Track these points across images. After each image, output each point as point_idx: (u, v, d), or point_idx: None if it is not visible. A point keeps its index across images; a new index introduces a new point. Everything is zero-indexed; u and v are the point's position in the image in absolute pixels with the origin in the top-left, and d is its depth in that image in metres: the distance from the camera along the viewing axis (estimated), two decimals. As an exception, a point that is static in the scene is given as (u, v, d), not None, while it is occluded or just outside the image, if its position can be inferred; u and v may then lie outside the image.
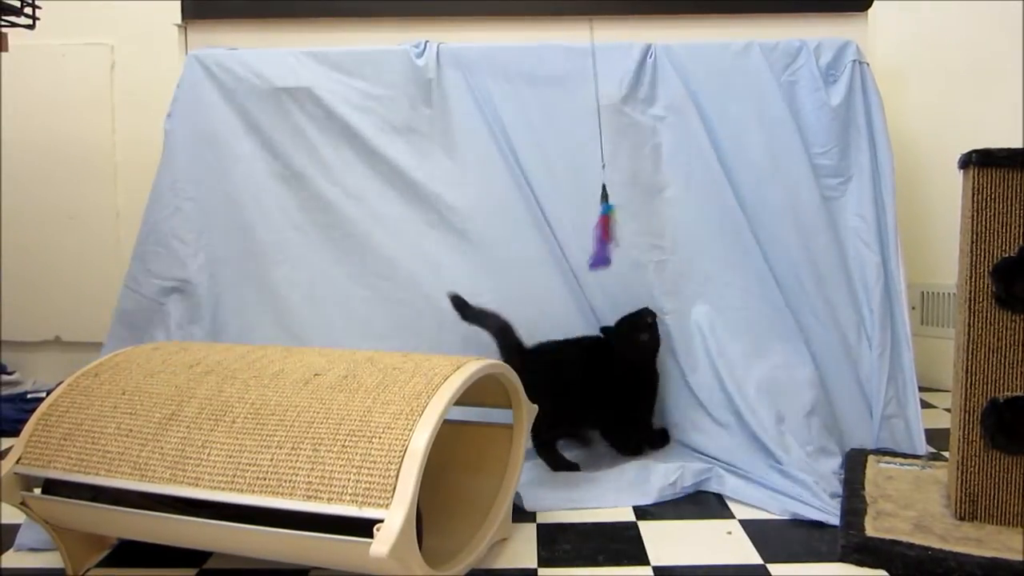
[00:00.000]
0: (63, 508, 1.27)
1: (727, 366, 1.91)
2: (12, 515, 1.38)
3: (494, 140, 2.06)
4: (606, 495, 1.69)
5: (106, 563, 1.42)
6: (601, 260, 1.79)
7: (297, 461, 1.12)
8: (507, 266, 2.03)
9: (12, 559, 1.44)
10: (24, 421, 1.31)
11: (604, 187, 1.80)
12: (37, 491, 1.28)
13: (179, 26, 2.30)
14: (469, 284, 1.99)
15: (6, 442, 2.00)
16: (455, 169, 2.08)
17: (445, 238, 2.07)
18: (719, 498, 1.69)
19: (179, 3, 2.28)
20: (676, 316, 1.99)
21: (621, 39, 2.12)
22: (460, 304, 1.90)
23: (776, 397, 1.88)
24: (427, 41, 2.10)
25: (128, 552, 1.45)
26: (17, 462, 1.26)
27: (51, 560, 1.41)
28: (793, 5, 2.20)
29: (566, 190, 2.04)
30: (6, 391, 2.47)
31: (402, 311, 2.06)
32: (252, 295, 2.10)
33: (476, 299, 1.93)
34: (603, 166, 1.82)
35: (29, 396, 2.40)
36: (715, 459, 1.80)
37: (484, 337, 1.87)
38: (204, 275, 2.09)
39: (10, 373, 2.55)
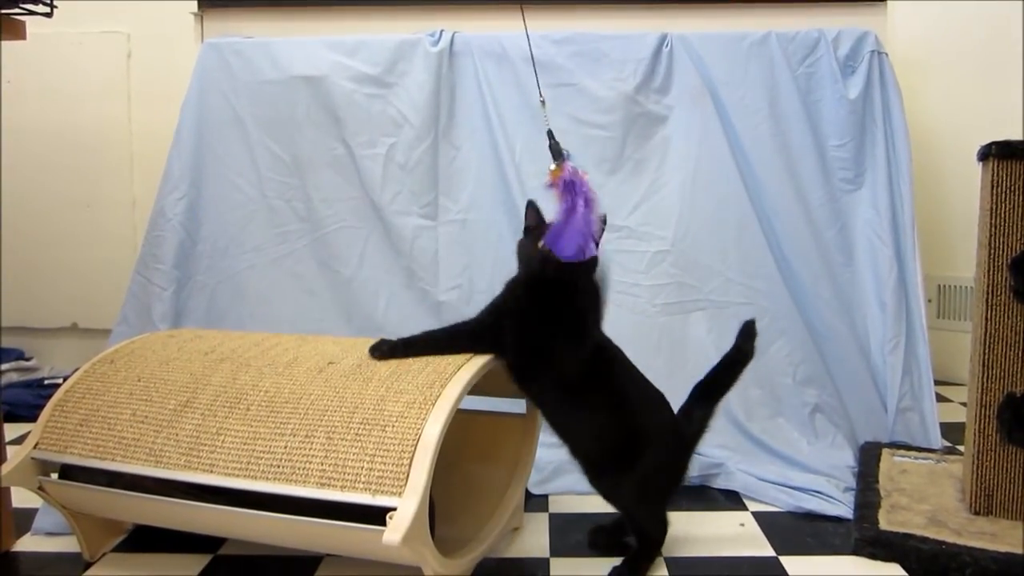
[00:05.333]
0: (79, 493, 1.28)
1: None
2: (30, 499, 1.40)
3: (495, 130, 2.06)
4: None
5: (122, 548, 1.43)
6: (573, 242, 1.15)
7: (311, 449, 1.12)
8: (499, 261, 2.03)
9: (29, 543, 1.46)
10: (41, 407, 1.32)
11: (551, 134, 1.32)
12: (54, 476, 1.30)
13: (195, 14, 2.30)
14: (466, 277, 2.02)
15: (23, 427, 2.02)
16: (460, 158, 2.08)
17: (446, 229, 2.07)
18: (732, 491, 1.68)
19: (195, -9, 2.29)
20: (675, 311, 1.98)
21: (637, 28, 2.11)
22: None
23: (780, 395, 1.87)
24: (442, 29, 2.10)
25: (144, 537, 1.46)
26: (34, 447, 1.27)
27: (68, 544, 1.42)
28: (811, -6, 2.19)
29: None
30: (23, 377, 2.50)
31: (404, 302, 2.07)
32: (251, 286, 2.10)
33: (472, 291, 1.98)
34: (542, 101, 1.43)
35: (46, 382, 2.42)
36: (722, 460, 1.76)
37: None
38: (204, 264, 2.10)
39: (28, 359, 2.58)
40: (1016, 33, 2.38)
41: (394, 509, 1.03)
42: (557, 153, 1.25)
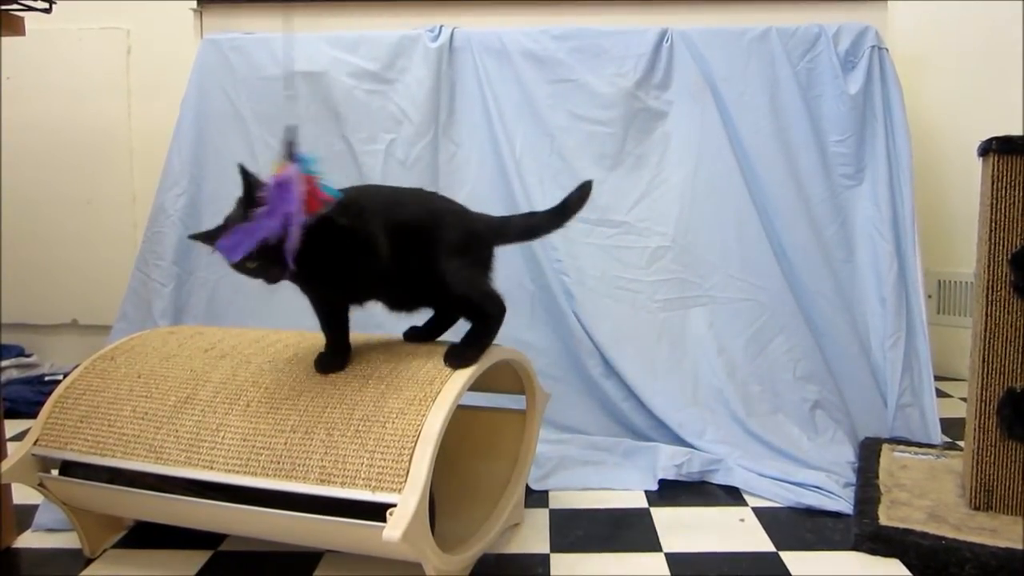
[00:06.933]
0: (80, 489, 1.28)
1: (728, 364, 1.90)
2: (30, 496, 1.40)
3: (495, 126, 2.06)
4: (611, 476, 1.71)
5: (122, 544, 1.43)
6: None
7: (311, 445, 1.12)
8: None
9: (30, 539, 1.46)
10: (41, 403, 1.32)
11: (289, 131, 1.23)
12: (54, 472, 1.30)
13: (195, 10, 2.30)
14: None
15: (23, 424, 2.02)
16: (460, 154, 2.08)
17: None
18: (732, 486, 1.68)
19: (195, -13, 2.29)
20: (675, 307, 1.98)
21: (637, 23, 2.11)
22: None
23: (780, 391, 1.87)
24: (442, 25, 2.10)
25: (144, 533, 1.47)
26: (35, 444, 1.27)
27: (68, 540, 1.42)
28: (812, -11, 2.19)
29: (552, 177, 2.04)
30: (23, 373, 2.50)
31: None
32: (252, 282, 2.09)
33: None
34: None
35: (46, 378, 2.42)
36: (722, 456, 1.75)
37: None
38: (205, 260, 2.10)
39: (28, 355, 2.58)
40: (1016, 29, 2.37)
41: (394, 505, 1.03)
42: (288, 154, 1.20)
